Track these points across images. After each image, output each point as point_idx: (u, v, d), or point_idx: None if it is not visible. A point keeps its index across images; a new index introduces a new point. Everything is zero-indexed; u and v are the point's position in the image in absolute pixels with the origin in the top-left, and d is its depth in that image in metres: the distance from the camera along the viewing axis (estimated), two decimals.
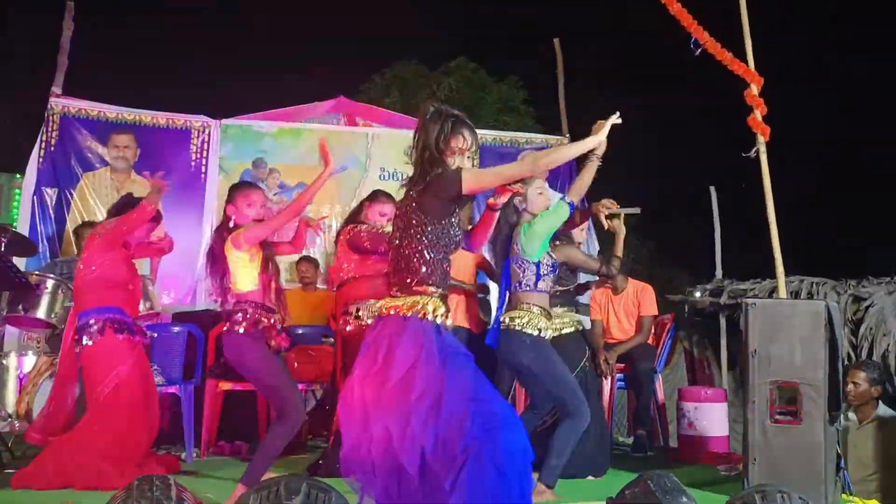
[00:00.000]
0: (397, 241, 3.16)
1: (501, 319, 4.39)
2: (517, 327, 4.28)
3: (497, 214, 3.51)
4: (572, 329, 4.95)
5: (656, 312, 6.34)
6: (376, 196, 5.06)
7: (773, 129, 5.33)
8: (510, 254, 4.47)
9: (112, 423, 4.52)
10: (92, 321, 4.60)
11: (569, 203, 4.36)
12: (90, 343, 4.57)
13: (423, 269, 3.05)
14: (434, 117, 3.16)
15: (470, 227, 3.93)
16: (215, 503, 3.93)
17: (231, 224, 4.24)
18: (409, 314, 3.00)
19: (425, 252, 3.06)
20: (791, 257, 5.53)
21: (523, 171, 3.12)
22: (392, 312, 3.02)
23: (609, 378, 6.04)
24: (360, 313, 4.77)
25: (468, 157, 3.19)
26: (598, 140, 3.69)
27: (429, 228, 3.07)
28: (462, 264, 5.54)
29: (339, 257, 5.01)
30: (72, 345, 4.73)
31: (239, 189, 4.33)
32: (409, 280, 3.07)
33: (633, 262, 6.33)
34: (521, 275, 4.37)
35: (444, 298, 3.09)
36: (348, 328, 4.83)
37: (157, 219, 4.97)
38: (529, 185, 4.40)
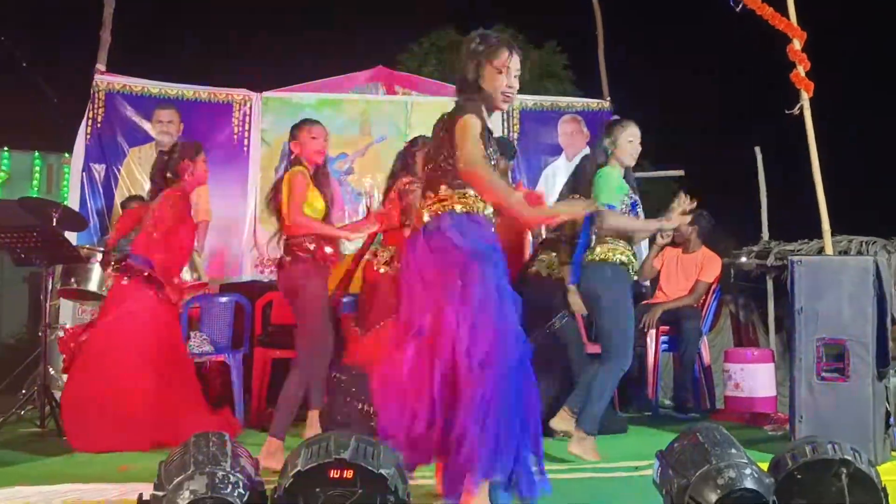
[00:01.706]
0: (428, 166, 3.14)
1: (584, 256, 4.44)
2: (598, 258, 4.34)
3: None
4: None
5: (712, 281, 6.32)
6: (416, 142, 5.12)
7: (817, 84, 5.24)
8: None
9: (109, 357, 4.70)
10: (131, 261, 4.83)
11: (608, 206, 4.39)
12: (119, 279, 4.84)
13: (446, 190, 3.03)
14: (484, 36, 3.13)
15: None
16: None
17: (292, 157, 4.46)
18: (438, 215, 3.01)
19: (451, 178, 3.01)
20: (840, 217, 5.45)
21: (504, 201, 2.98)
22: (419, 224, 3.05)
23: (649, 334, 6.06)
24: (391, 260, 4.86)
25: (514, 78, 3.10)
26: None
27: (453, 156, 3.00)
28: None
29: (387, 204, 5.06)
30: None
31: (301, 125, 4.54)
32: (448, 182, 3.04)
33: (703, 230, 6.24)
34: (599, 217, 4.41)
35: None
36: (375, 268, 4.91)
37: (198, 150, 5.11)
38: (624, 128, 4.47)
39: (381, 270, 4.92)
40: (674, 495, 2.46)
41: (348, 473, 2.25)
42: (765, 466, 2.66)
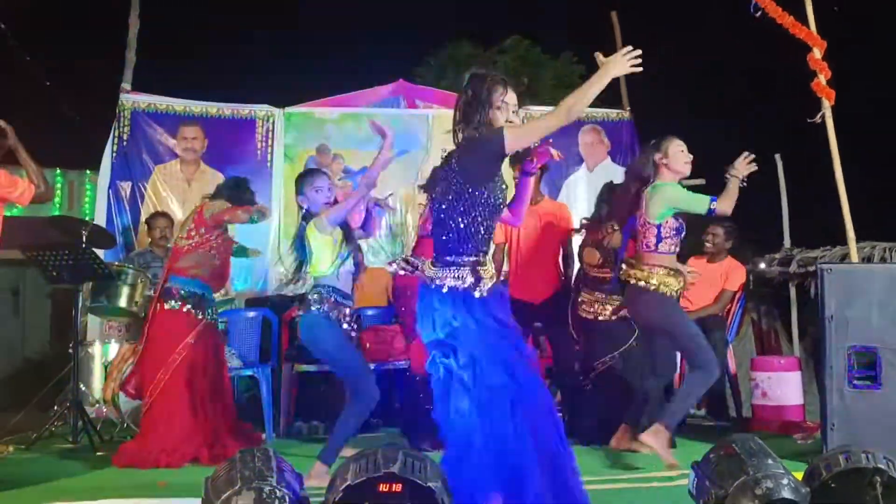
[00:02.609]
0: (436, 206, 3.16)
1: (623, 273, 4.48)
2: (638, 282, 4.38)
3: (532, 180, 3.46)
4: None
5: (737, 290, 6.32)
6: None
7: (839, 91, 5.25)
8: (636, 210, 4.51)
9: (183, 397, 4.76)
10: (176, 287, 4.88)
11: (711, 200, 4.38)
12: (164, 307, 4.87)
13: (456, 236, 3.06)
14: (474, 77, 3.15)
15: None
16: None
17: (303, 212, 4.43)
18: (433, 285, 3.08)
19: (460, 219, 3.04)
20: (861, 223, 5.45)
21: (560, 120, 3.01)
22: (425, 281, 3.11)
23: None
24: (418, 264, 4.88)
25: (513, 113, 3.12)
26: (613, 68, 3.21)
27: (468, 192, 3.04)
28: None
29: (427, 211, 5.09)
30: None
31: (303, 178, 4.51)
32: (440, 246, 3.12)
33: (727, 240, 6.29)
34: (643, 234, 4.45)
35: (472, 265, 3.07)
36: (401, 272, 4.94)
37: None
38: (670, 142, 4.48)
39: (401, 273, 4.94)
40: None
41: (397, 487, 2.29)
42: (797, 475, 2.68)
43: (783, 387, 5.91)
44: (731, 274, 6.26)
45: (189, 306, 4.87)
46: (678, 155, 4.47)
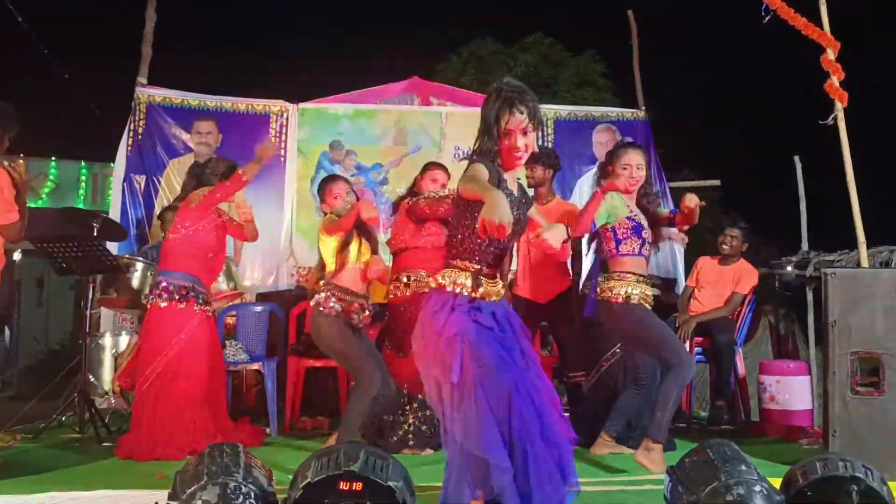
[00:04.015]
0: (450, 217, 3.21)
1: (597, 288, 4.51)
2: (605, 295, 4.41)
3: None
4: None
5: (748, 293, 6.25)
6: (427, 167, 5.19)
7: (858, 91, 5.16)
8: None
9: (176, 392, 4.78)
10: (165, 283, 4.89)
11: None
12: (156, 303, 4.87)
13: (462, 244, 3.05)
14: (492, 94, 3.11)
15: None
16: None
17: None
18: (435, 286, 3.06)
19: (463, 231, 3.04)
20: (884, 226, 5.37)
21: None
22: (429, 288, 3.10)
23: (684, 344, 6.01)
24: (410, 281, 4.92)
25: (521, 134, 3.04)
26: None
27: (465, 209, 3.02)
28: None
29: (396, 227, 5.14)
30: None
31: (324, 185, 4.82)
32: (448, 253, 3.11)
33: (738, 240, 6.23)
34: (605, 241, 4.51)
35: (474, 273, 3.04)
36: (397, 293, 4.98)
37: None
38: (619, 156, 4.55)
39: (407, 293, 4.96)
40: None
41: (357, 486, 2.29)
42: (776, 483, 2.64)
43: (791, 391, 5.84)
44: (743, 277, 6.19)
45: (178, 299, 4.87)
46: (619, 172, 4.52)
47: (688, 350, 6.02)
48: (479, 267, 3.05)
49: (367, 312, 4.68)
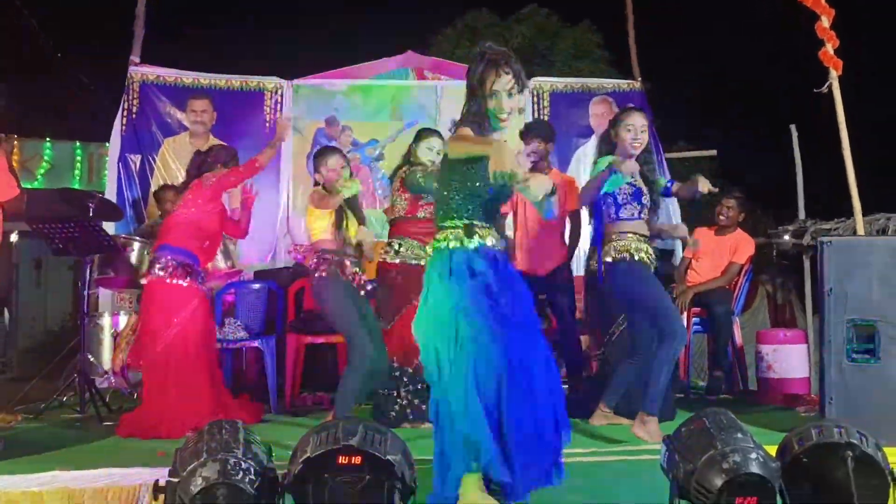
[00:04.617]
0: (436, 183, 3.23)
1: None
2: (607, 258, 4.44)
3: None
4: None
5: (745, 262, 6.26)
6: (421, 135, 5.18)
7: (855, 59, 5.13)
8: None
9: (179, 369, 4.79)
10: (166, 258, 4.88)
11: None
12: (157, 276, 4.86)
13: (449, 203, 3.08)
14: (477, 58, 3.13)
15: None
16: None
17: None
18: (435, 250, 3.09)
19: (450, 192, 3.08)
20: (881, 194, 5.37)
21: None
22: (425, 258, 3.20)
23: (681, 314, 6.03)
24: (401, 249, 4.95)
25: (508, 96, 3.07)
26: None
27: (457, 170, 3.06)
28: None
29: (393, 196, 5.15)
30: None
31: (318, 156, 4.87)
32: (437, 219, 3.14)
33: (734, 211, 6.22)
34: (605, 208, 4.52)
35: (466, 227, 3.06)
36: (386, 259, 5.00)
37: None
38: (622, 118, 4.56)
39: (397, 261, 4.99)
40: (680, 480, 2.48)
41: (356, 460, 2.31)
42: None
43: (788, 359, 5.89)
44: (740, 246, 6.20)
45: (181, 276, 4.87)
46: (623, 134, 4.51)
47: (684, 322, 6.05)
48: (468, 221, 3.06)
49: (361, 272, 4.79)
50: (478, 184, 3.05)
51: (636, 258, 4.39)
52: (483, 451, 2.69)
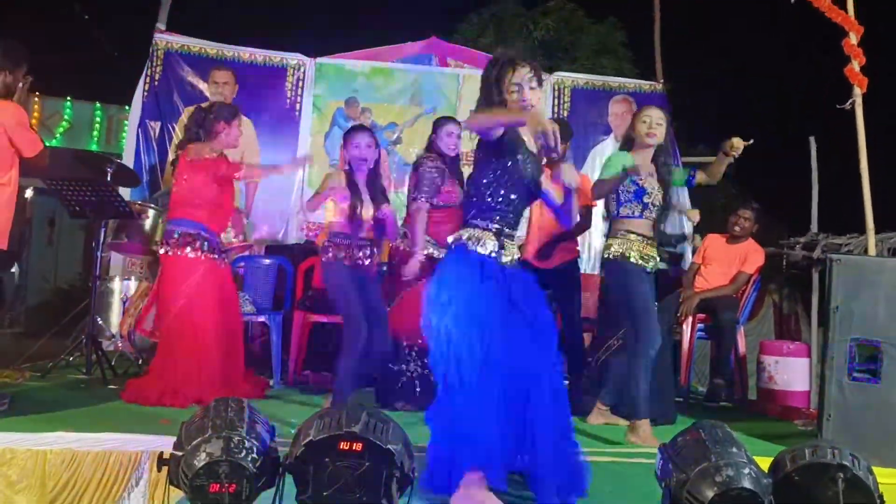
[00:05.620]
0: (471, 173, 3.24)
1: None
2: (605, 254, 4.49)
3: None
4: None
5: (753, 272, 6.27)
6: (440, 123, 5.20)
7: (879, 76, 5.13)
8: None
9: (186, 340, 4.82)
10: (177, 233, 4.92)
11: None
12: (168, 252, 4.91)
13: (477, 201, 3.11)
14: (491, 62, 3.17)
15: None
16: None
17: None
18: (453, 246, 3.12)
19: (483, 189, 3.09)
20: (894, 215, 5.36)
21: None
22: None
23: (686, 322, 6.06)
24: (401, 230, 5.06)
25: (529, 89, 3.11)
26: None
27: (485, 165, 3.10)
28: None
29: (411, 184, 5.17)
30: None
31: (346, 135, 4.91)
32: (465, 213, 3.17)
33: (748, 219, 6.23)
34: (608, 203, 4.58)
35: (496, 233, 3.09)
36: (398, 244, 5.04)
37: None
38: (640, 112, 4.65)
39: (401, 246, 5.04)
40: (673, 489, 2.51)
41: (357, 446, 2.35)
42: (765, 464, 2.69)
43: (789, 372, 5.91)
44: (750, 256, 6.21)
45: (183, 247, 4.88)
46: (639, 126, 4.55)
47: (687, 327, 6.08)
48: (499, 227, 3.09)
49: (374, 254, 4.82)
50: (516, 176, 3.09)
51: (628, 257, 4.39)
52: (486, 452, 2.72)
